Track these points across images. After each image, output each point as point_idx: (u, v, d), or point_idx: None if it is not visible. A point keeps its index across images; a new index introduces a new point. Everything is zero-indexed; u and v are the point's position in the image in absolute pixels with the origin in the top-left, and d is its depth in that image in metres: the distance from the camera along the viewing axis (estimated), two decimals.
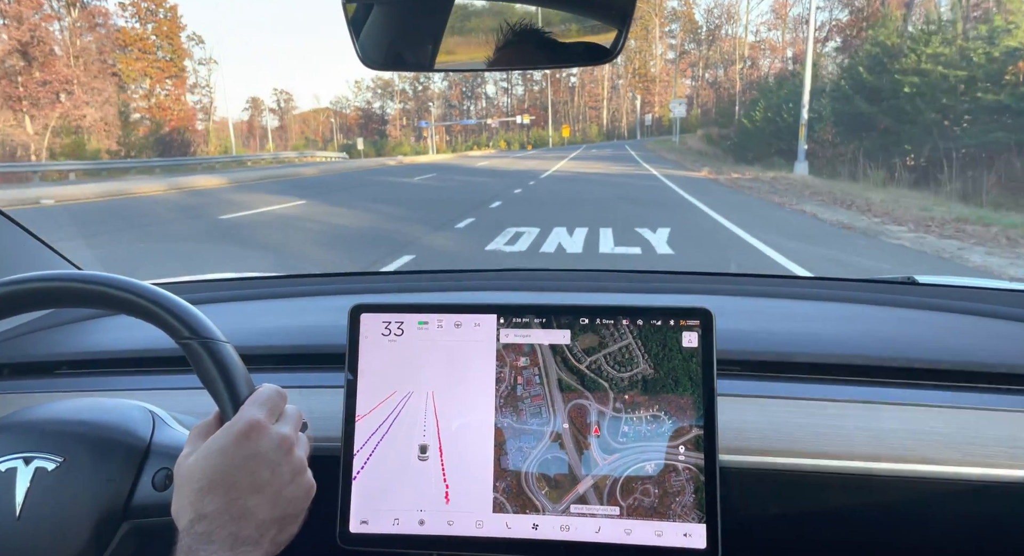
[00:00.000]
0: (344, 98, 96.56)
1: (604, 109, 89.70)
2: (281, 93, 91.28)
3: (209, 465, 0.54)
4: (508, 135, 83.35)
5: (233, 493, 0.53)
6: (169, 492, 0.61)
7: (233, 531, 0.52)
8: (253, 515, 0.53)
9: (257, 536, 0.53)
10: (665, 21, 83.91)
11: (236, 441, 0.54)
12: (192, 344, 0.59)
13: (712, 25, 79.77)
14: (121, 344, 1.00)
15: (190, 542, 0.51)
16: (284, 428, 0.58)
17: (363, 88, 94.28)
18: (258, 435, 0.55)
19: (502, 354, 0.68)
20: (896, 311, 1.01)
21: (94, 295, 0.60)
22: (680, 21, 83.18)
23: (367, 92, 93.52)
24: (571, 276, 1.24)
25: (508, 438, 0.66)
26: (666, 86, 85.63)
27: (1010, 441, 0.70)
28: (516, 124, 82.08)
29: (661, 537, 0.64)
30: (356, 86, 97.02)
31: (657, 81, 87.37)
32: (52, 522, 0.60)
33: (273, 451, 0.55)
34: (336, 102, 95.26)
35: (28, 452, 0.63)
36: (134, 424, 0.66)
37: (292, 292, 1.24)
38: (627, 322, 0.67)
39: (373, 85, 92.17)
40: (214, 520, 0.52)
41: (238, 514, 0.53)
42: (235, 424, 0.55)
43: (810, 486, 0.71)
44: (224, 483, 0.53)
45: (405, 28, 0.75)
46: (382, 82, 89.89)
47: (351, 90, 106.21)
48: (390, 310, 0.70)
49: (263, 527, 0.54)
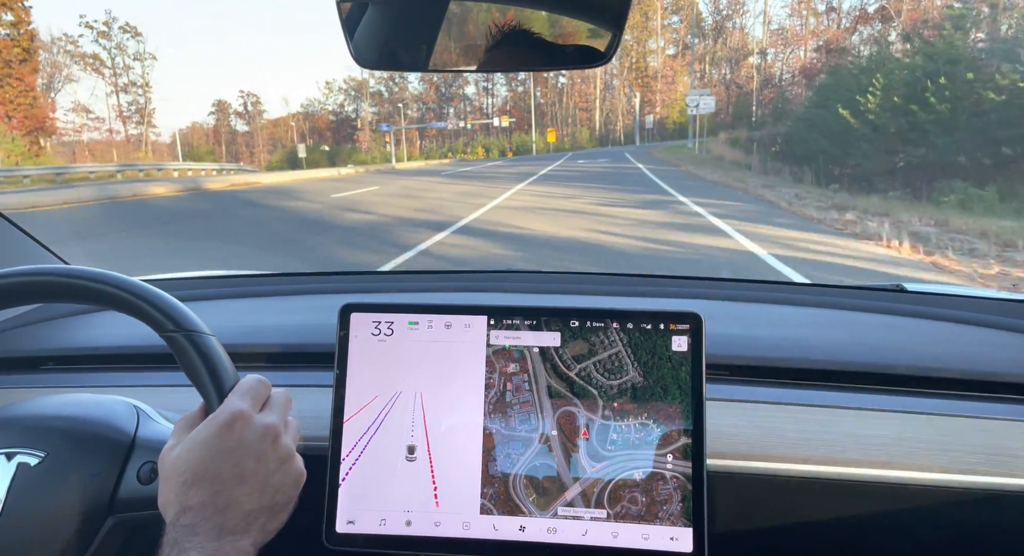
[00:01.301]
0: (316, 101, 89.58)
1: (596, 111, 79.01)
2: (248, 96, 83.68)
3: (193, 457, 0.53)
4: (487, 140, 73.16)
5: (218, 485, 0.53)
6: (154, 486, 0.61)
7: (218, 522, 0.52)
8: (239, 505, 0.53)
9: (244, 525, 0.53)
10: (666, 12, 74.90)
11: (219, 432, 0.54)
12: (176, 337, 0.58)
13: (720, 15, 70.61)
14: (107, 340, 0.99)
15: (176, 535, 0.51)
16: (269, 417, 0.57)
17: (334, 90, 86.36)
18: (242, 425, 0.55)
19: (492, 360, 0.68)
20: (884, 318, 1.02)
21: (78, 290, 0.59)
22: (682, 12, 74.07)
23: (339, 94, 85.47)
24: (562, 278, 1.24)
25: (497, 443, 0.66)
26: (669, 83, 75.23)
27: (994, 449, 0.70)
28: (495, 128, 73.61)
29: (648, 540, 0.64)
30: (327, 88, 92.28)
31: (659, 77, 76.67)
32: (36, 517, 0.59)
33: (258, 440, 0.55)
34: (308, 105, 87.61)
35: (10, 447, 0.62)
36: (118, 419, 0.66)
37: (282, 290, 1.23)
38: (617, 326, 0.67)
39: (345, 87, 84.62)
40: (199, 512, 0.52)
41: (223, 505, 0.53)
42: (218, 415, 0.55)
43: (796, 491, 0.71)
44: (208, 475, 0.53)
45: (399, 28, 0.75)
46: (355, 84, 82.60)
47: (321, 92, 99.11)
48: (380, 310, 0.70)
49: (250, 516, 0.54)
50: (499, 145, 69.48)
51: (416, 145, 77.88)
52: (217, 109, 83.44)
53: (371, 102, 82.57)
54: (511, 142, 70.89)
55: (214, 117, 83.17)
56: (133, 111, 62.59)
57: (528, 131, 73.26)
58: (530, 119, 77.22)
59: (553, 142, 64.57)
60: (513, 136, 73.37)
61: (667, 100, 73.88)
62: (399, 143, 65.71)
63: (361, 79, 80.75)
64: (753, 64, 61.64)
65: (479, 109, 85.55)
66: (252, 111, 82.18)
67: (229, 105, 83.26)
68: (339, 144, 75.26)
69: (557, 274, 1.26)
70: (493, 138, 73.67)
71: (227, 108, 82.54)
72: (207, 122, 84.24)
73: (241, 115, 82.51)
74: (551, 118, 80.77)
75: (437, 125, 77.38)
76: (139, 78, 62.51)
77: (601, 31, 0.72)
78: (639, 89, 74.23)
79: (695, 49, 71.94)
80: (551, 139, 63.46)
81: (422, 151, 74.10)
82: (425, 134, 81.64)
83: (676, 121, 65.89)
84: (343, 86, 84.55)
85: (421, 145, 78.60)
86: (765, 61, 61.23)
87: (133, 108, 62.87)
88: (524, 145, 68.05)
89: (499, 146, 69.18)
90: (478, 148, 68.70)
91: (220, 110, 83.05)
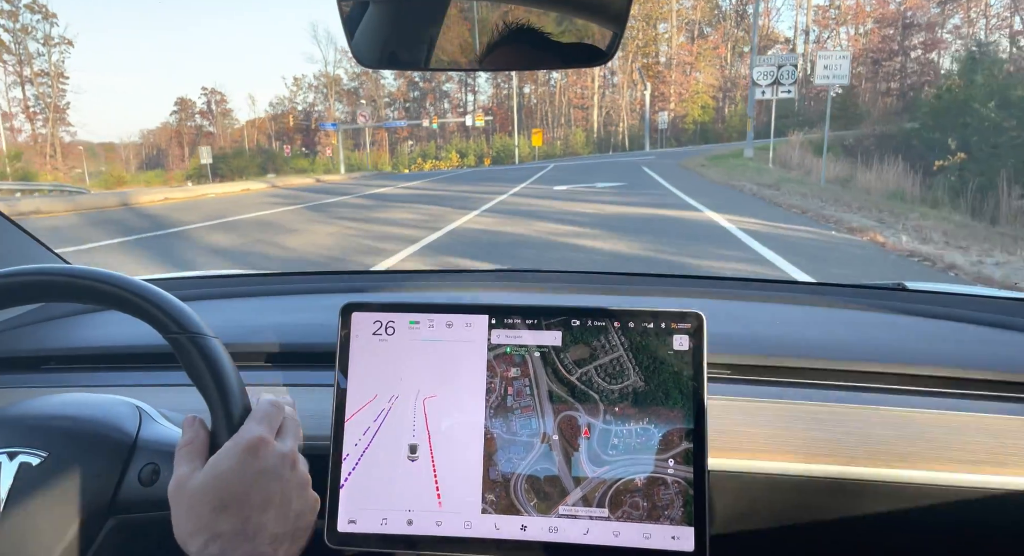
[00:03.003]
0: (285, 99, 75.81)
1: (594, 108, 64.31)
2: (212, 93, 72.78)
3: (220, 484, 0.53)
4: (464, 144, 59.61)
5: (246, 510, 0.53)
6: (155, 487, 0.61)
7: (248, 550, 0.52)
8: (267, 531, 0.53)
9: (272, 552, 0.53)
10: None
11: (243, 458, 0.54)
12: (180, 339, 0.58)
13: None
14: (108, 340, 0.99)
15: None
16: (287, 443, 0.58)
17: (303, 86, 74.01)
18: (264, 451, 0.55)
19: (492, 364, 0.67)
20: (886, 316, 1.02)
21: (84, 290, 0.59)
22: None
23: (308, 91, 73.51)
24: (563, 277, 1.24)
25: (498, 446, 0.66)
26: (688, 70, 61.38)
27: (997, 447, 0.70)
28: (476, 129, 60.99)
29: (649, 540, 0.64)
30: (295, 84, 76.83)
31: (673, 65, 62.22)
32: (37, 518, 0.60)
33: (279, 466, 0.55)
34: (278, 103, 75.78)
35: (12, 447, 0.62)
36: (120, 419, 0.66)
37: (283, 290, 1.23)
38: (618, 326, 0.67)
39: (316, 83, 72.36)
40: (230, 540, 0.52)
41: (253, 532, 0.53)
42: (239, 441, 0.55)
43: (799, 490, 0.71)
44: (237, 501, 0.53)
45: (400, 27, 0.75)
46: (327, 80, 70.35)
47: (289, 89, 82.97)
48: (381, 309, 0.70)
49: (276, 542, 0.54)
50: (477, 150, 57.63)
51: (385, 148, 66.29)
52: (179, 108, 73.39)
53: (346, 101, 70.93)
54: (491, 146, 58.47)
55: (176, 117, 73.72)
56: (41, 107, 52.08)
57: (511, 133, 58.06)
58: (519, 118, 62.45)
59: (540, 146, 51.91)
60: (494, 139, 60.83)
61: (684, 93, 60.92)
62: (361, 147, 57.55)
63: (336, 74, 70.13)
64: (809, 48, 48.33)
65: (456, 107, 72.74)
66: (217, 109, 72.81)
67: (193, 104, 73.39)
68: (310, 147, 65.72)
69: (558, 273, 1.25)
70: (472, 141, 61.09)
71: (190, 107, 72.93)
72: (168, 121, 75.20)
73: (205, 115, 73.14)
74: (540, 118, 68.30)
75: (395, 124, 62.28)
76: (50, 67, 51.81)
77: (602, 30, 0.72)
78: (650, 79, 57.80)
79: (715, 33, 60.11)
80: (536, 143, 49.49)
81: (393, 156, 61.53)
82: (396, 137, 69.35)
83: (697, 120, 57.98)
84: (313, 83, 73.68)
85: (392, 149, 66.55)
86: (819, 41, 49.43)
87: (40, 103, 52.39)
88: (506, 150, 55.07)
89: (477, 151, 57.24)
90: (451, 153, 56.27)
91: (183, 108, 73.12)
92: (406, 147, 65.41)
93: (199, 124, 73.10)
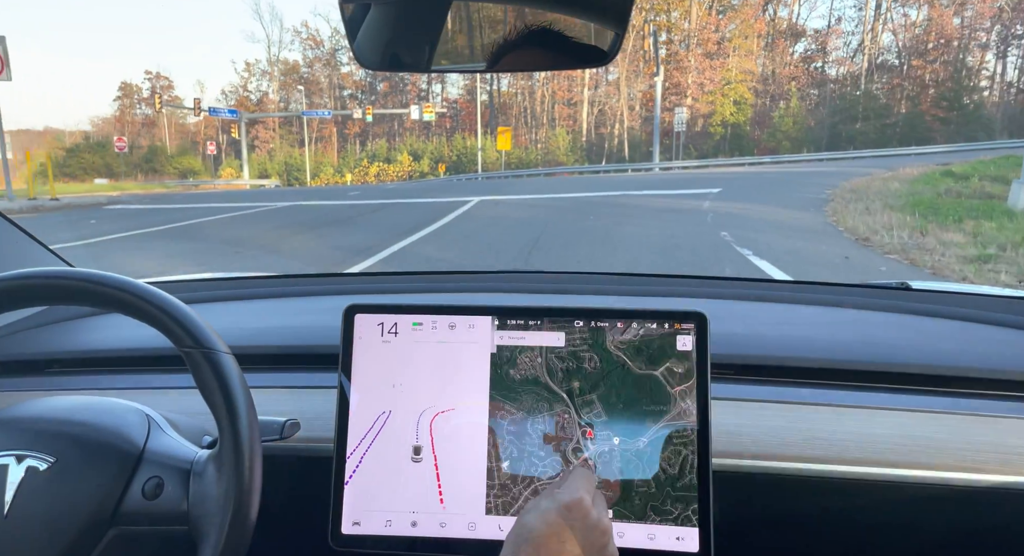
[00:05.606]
0: (238, 87, 63.17)
1: (584, 105, 49.32)
2: (156, 78, 59.63)
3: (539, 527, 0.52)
4: (420, 144, 49.10)
5: None
6: (157, 502, 0.60)
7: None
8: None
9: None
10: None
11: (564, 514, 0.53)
12: (194, 354, 0.59)
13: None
14: (112, 343, 0.99)
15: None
16: (604, 519, 0.56)
17: (256, 73, 61.17)
18: (583, 514, 0.54)
19: (496, 363, 0.68)
20: (889, 316, 1.01)
21: (101, 296, 0.60)
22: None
23: (263, 78, 60.99)
24: (566, 278, 1.24)
25: (502, 448, 0.66)
26: (713, 54, 44.23)
27: (1002, 447, 0.70)
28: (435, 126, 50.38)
29: (654, 540, 0.63)
30: (246, 70, 63.95)
31: (692, 44, 44.91)
32: (39, 523, 0.59)
33: (589, 533, 0.54)
34: (232, 92, 62.84)
35: (21, 450, 0.62)
36: (128, 428, 0.66)
37: (286, 292, 1.23)
38: (621, 326, 0.67)
39: (271, 70, 59.97)
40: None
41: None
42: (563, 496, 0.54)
43: (802, 490, 0.71)
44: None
45: (402, 29, 0.75)
46: (285, 68, 59.77)
47: (240, 75, 71.74)
48: (384, 311, 0.69)
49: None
50: (435, 152, 47.67)
51: (333, 147, 56.15)
52: (122, 94, 60.57)
53: (306, 90, 59.86)
54: (451, 148, 47.48)
55: (117, 104, 61.10)
56: None
57: (474, 132, 46.34)
58: (489, 114, 50.63)
59: (508, 150, 38.48)
60: (455, 140, 49.10)
61: (709, 85, 43.92)
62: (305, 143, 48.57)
63: (293, 61, 60.72)
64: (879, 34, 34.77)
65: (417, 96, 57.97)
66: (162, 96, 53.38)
67: (139, 89, 60.10)
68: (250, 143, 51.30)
69: (561, 274, 1.25)
70: (433, 142, 50.52)
71: (134, 93, 60.36)
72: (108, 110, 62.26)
73: (148, 102, 58.53)
74: (517, 115, 52.91)
75: (316, 114, 46.30)
76: None
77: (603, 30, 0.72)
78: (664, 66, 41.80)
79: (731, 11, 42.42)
80: (503, 146, 35.18)
81: (340, 157, 52.96)
82: (344, 133, 57.33)
83: (729, 122, 42.40)
84: (266, 69, 61.42)
85: (341, 146, 56.21)
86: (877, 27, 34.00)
87: None
88: (469, 154, 43.69)
89: (435, 153, 47.41)
90: (403, 155, 46.54)
91: (125, 95, 60.42)
92: (356, 147, 56.14)
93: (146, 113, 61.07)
